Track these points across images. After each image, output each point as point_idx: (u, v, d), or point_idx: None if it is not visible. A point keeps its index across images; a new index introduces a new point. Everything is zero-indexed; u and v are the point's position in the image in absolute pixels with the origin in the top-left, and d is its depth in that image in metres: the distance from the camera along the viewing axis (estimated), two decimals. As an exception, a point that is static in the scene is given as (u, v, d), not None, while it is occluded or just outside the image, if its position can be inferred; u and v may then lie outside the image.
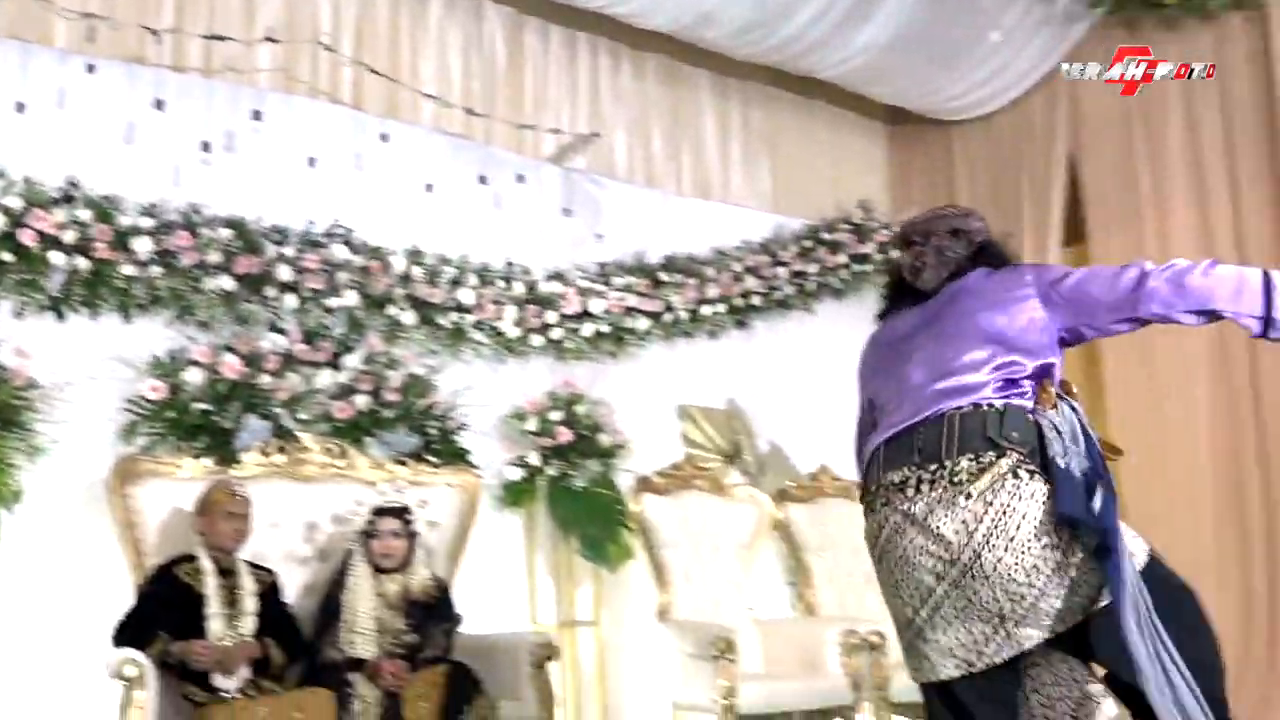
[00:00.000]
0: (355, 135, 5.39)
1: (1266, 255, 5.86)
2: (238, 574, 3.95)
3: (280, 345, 4.73)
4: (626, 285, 5.96)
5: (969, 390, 2.52)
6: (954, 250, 2.79)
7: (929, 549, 2.45)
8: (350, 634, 4.01)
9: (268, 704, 3.61)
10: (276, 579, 4.09)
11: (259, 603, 3.91)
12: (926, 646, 2.51)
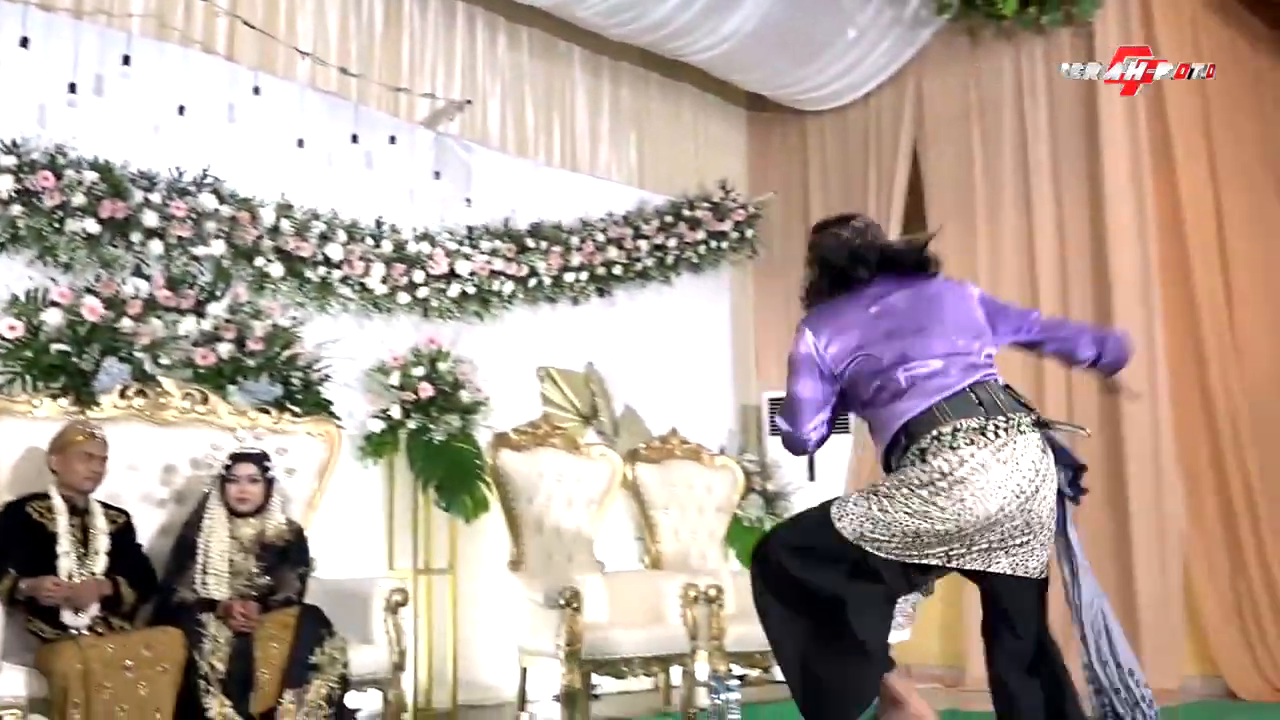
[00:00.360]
0: (228, 86, 5.21)
1: (1082, 256, 6.13)
2: (91, 513, 3.80)
3: (144, 290, 4.55)
4: (493, 249, 5.92)
5: (987, 367, 2.93)
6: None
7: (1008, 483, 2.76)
8: (204, 575, 3.91)
9: (116, 641, 3.49)
10: (130, 519, 3.95)
11: (111, 542, 3.77)
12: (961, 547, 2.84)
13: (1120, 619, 5.63)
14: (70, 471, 3.79)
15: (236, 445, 4.18)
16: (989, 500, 2.75)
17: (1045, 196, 6.32)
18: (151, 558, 4.03)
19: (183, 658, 3.52)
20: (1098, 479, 5.86)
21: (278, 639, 3.76)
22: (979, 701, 5.42)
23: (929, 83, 6.95)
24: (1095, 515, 5.84)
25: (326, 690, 3.72)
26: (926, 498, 2.76)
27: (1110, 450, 5.86)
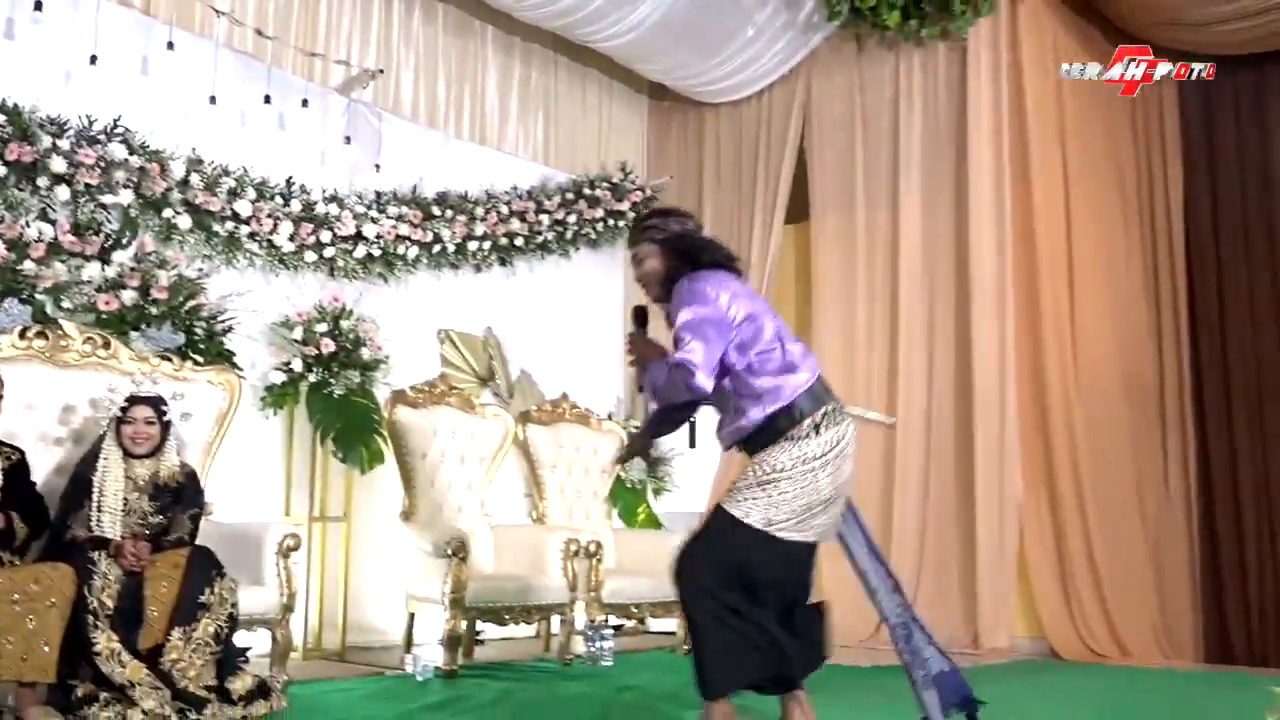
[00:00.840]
0: (142, 39, 5.01)
1: (947, 256, 6.28)
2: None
3: (48, 234, 4.35)
4: (400, 215, 5.82)
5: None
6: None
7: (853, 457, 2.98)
8: (99, 513, 3.76)
9: (4, 575, 3.34)
10: (24, 456, 3.78)
11: (4, 478, 3.61)
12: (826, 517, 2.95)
13: (962, 582, 5.88)
14: (-37, 409, 3.62)
15: (133, 388, 4.03)
16: (848, 472, 2.93)
17: (915, 198, 6.46)
18: (47, 496, 3.87)
19: (72, 593, 3.38)
20: (949, 455, 6.07)
21: (168, 578, 3.63)
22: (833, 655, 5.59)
23: (818, 84, 7.03)
24: (946, 487, 6.05)
25: (214, 628, 3.61)
26: (818, 468, 2.84)
27: (961, 429, 6.05)
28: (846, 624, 6.22)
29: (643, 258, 3.09)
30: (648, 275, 3.10)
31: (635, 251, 3.13)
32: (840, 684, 4.53)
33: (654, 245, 3.07)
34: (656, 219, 3.14)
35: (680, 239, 3.06)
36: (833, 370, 6.59)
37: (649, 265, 3.08)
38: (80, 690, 3.34)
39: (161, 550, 3.74)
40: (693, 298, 2.89)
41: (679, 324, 2.87)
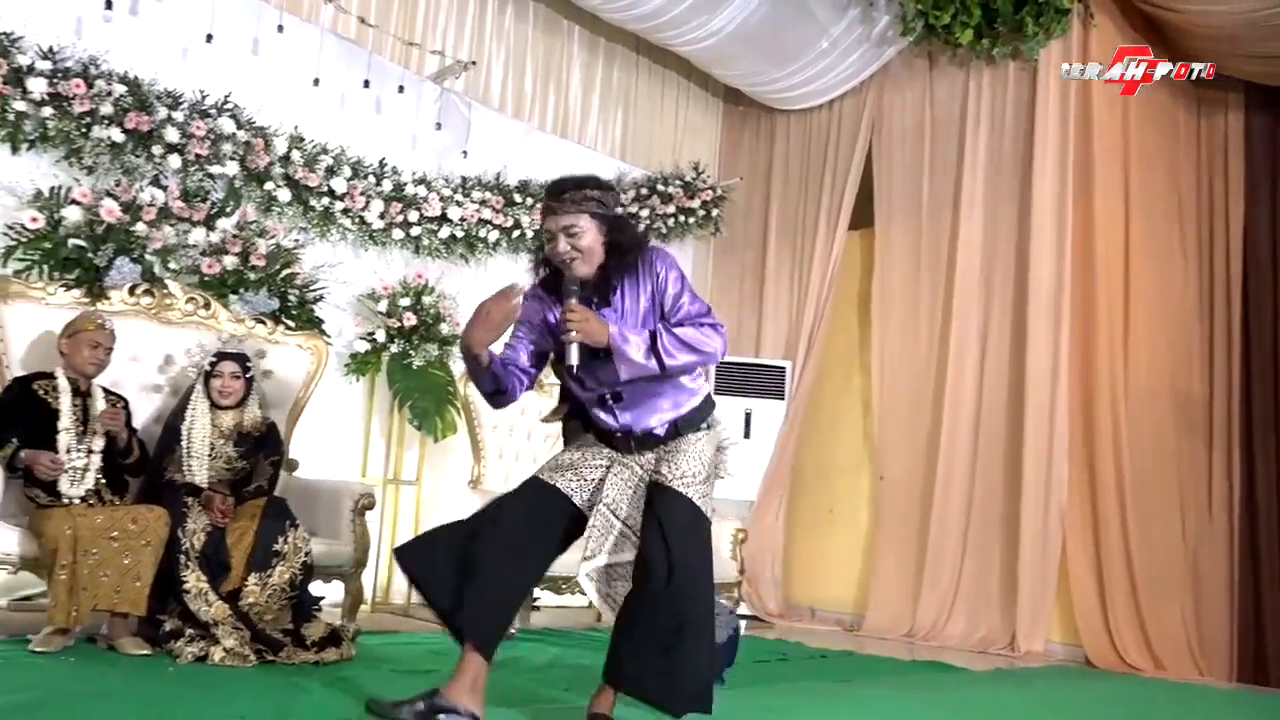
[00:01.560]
0: (254, 22, 5.06)
1: (1007, 266, 6.15)
2: (92, 396, 3.69)
3: (159, 199, 4.42)
4: (483, 200, 5.83)
5: None
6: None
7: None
8: (188, 459, 3.84)
9: (105, 513, 3.40)
10: (127, 404, 3.85)
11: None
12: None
13: (1003, 584, 5.76)
14: (77, 355, 3.68)
15: (219, 345, 4.09)
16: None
17: (978, 210, 6.32)
18: (147, 442, 3.94)
19: (165, 534, 3.44)
20: (998, 459, 5.94)
21: (246, 531, 3.70)
22: (872, 645, 5.53)
23: (888, 96, 6.91)
24: (993, 489, 5.93)
25: (289, 575, 3.65)
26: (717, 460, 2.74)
27: (1011, 435, 5.92)
28: (886, 620, 6.16)
29: (580, 231, 2.58)
30: (582, 253, 2.59)
31: (571, 223, 2.58)
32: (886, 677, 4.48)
33: (595, 221, 2.60)
34: (599, 192, 2.63)
35: (618, 222, 2.66)
36: (892, 371, 6.52)
37: (585, 242, 2.58)
38: (168, 625, 3.41)
39: (242, 501, 3.80)
40: (678, 267, 2.68)
41: (685, 289, 2.63)
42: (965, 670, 4.81)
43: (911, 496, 6.30)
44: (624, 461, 2.67)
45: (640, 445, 2.67)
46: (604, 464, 2.68)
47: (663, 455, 2.65)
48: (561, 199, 2.61)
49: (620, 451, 2.69)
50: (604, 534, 2.60)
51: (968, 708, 3.73)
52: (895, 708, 3.55)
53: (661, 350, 2.53)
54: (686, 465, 2.61)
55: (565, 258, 2.60)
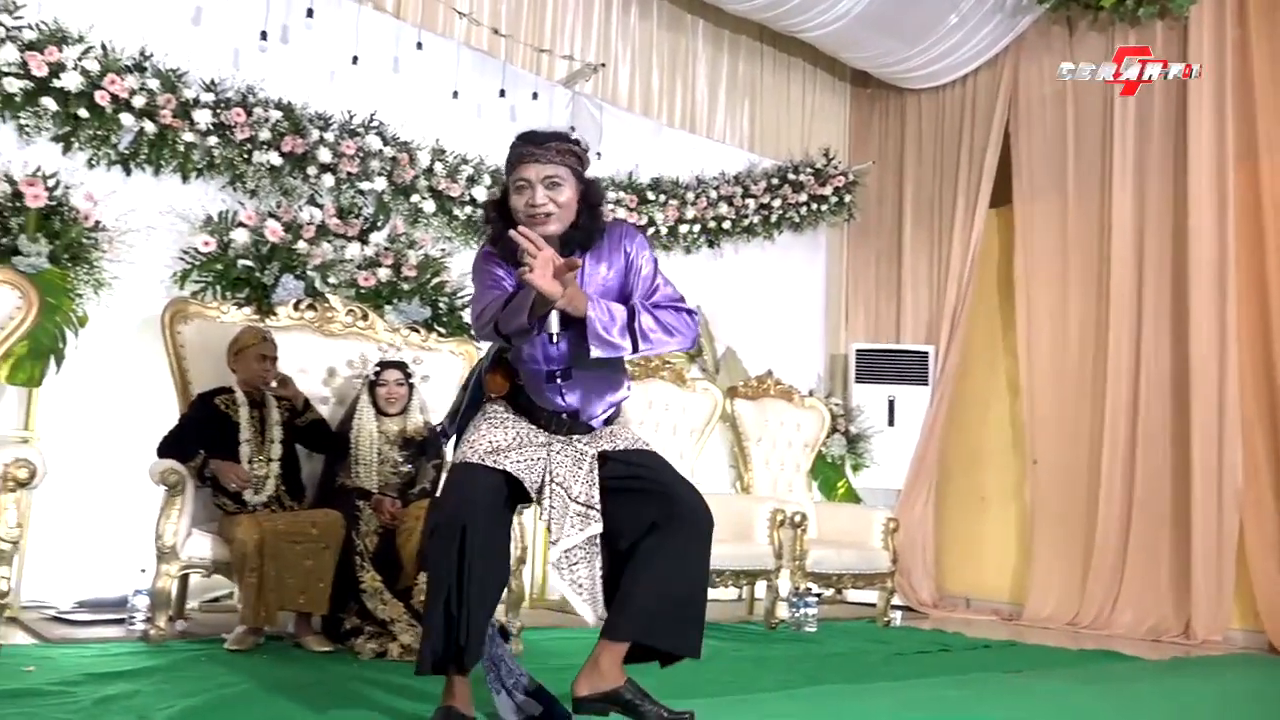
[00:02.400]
0: (394, 41, 5.24)
1: (1163, 238, 5.87)
2: (267, 406, 3.91)
3: (317, 218, 4.64)
4: (618, 199, 5.90)
5: None
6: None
7: None
8: (357, 465, 4.02)
9: (287, 519, 3.60)
10: (307, 400, 4.07)
11: (283, 431, 3.88)
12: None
13: (1174, 571, 5.50)
14: (248, 370, 3.89)
15: (380, 354, 4.26)
16: None
17: (1128, 181, 6.04)
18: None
19: (341, 536, 3.62)
20: (1162, 442, 5.68)
21: (413, 528, 3.84)
22: (1034, 635, 5.37)
23: (1024, 67, 6.68)
24: (1158, 474, 5.67)
25: (458, 575, 3.78)
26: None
27: (1177, 415, 5.65)
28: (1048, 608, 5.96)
29: (560, 183, 2.35)
30: (560, 208, 2.35)
31: (553, 173, 2.34)
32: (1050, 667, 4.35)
33: (574, 177, 2.39)
34: (579, 148, 2.44)
35: (593, 190, 2.46)
36: (1042, 353, 6.30)
37: (564, 196, 2.35)
38: (348, 623, 3.58)
39: (408, 503, 3.95)
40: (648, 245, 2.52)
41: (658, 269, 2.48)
42: (1139, 660, 4.62)
43: (1068, 481, 6.08)
44: (563, 440, 2.48)
45: (576, 430, 2.49)
46: (543, 443, 2.46)
47: (600, 436, 2.51)
48: (545, 146, 2.36)
49: (554, 431, 2.48)
50: (561, 515, 2.40)
51: (1149, 700, 3.58)
52: (1072, 701, 3.43)
53: (638, 330, 2.33)
54: (632, 435, 2.56)
55: (539, 211, 2.33)
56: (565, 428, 2.48)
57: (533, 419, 2.49)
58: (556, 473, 2.42)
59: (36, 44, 4.08)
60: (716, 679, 3.41)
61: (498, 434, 2.44)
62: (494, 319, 2.34)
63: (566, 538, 2.40)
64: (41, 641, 3.46)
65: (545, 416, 2.48)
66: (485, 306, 2.39)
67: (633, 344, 2.32)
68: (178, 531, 3.54)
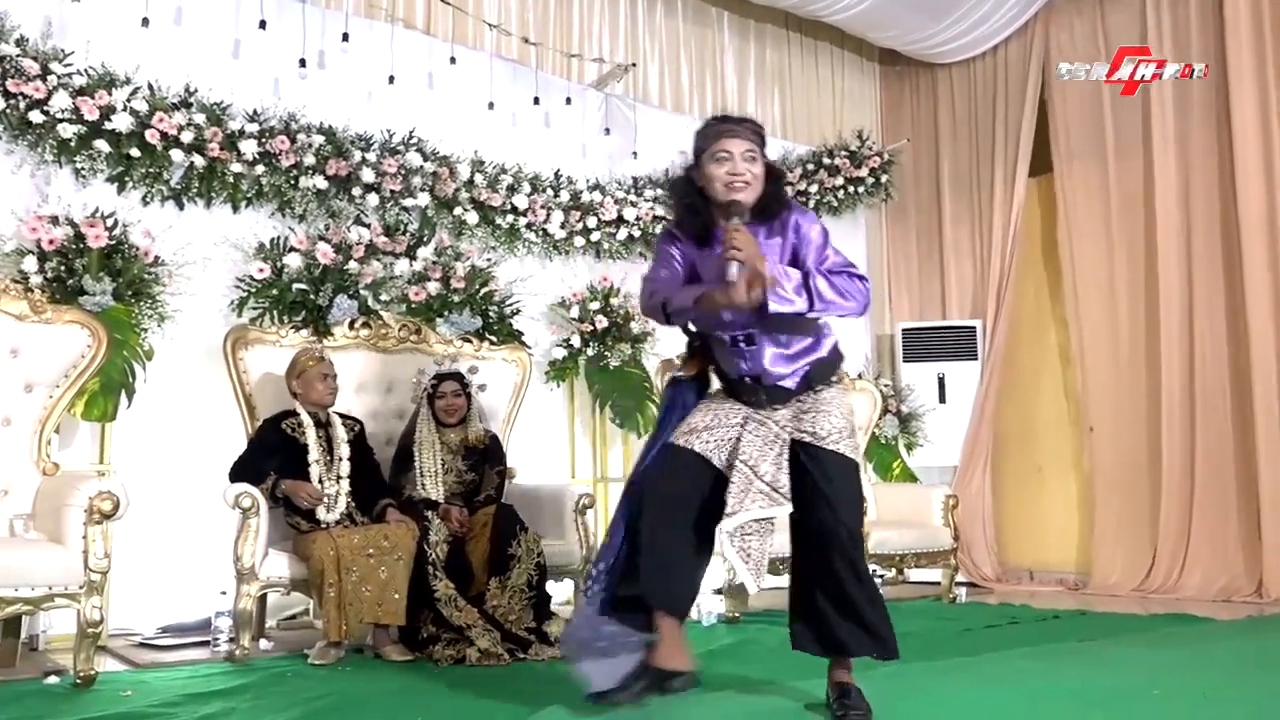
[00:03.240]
0: (427, 57, 5.32)
1: (1210, 197, 5.78)
2: (332, 425, 3.99)
3: (365, 237, 4.72)
4: (656, 197, 5.92)
5: None
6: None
7: None
8: (422, 478, 4.09)
9: (360, 533, 3.68)
10: (363, 427, 4.14)
11: (350, 449, 3.96)
12: None
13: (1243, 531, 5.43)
14: (311, 391, 3.97)
15: (436, 368, 4.33)
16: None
17: (1170, 143, 5.94)
18: (380, 465, 4.22)
19: (413, 547, 3.69)
20: (1223, 402, 5.61)
21: (481, 537, 3.92)
22: (1102, 603, 5.33)
23: (1055, 33, 6.61)
24: (1220, 436, 5.60)
25: (526, 577, 3.85)
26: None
27: (1236, 377, 5.57)
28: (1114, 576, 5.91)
29: (755, 158, 2.56)
30: (753, 177, 2.54)
31: (751, 147, 2.55)
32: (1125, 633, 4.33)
33: (761, 153, 2.59)
34: (762, 130, 2.65)
35: (774, 170, 2.62)
36: (1091, 320, 6.24)
37: (758, 169, 2.55)
38: (424, 631, 3.65)
39: (474, 511, 4.02)
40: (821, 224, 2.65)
41: (828, 242, 2.60)
42: (1211, 620, 4.57)
43: (1126, 447, 6.02)
44: (758, 419, 2.60)
45: (771, 398, 2.61)
46: (739, 422, 2.60)
47: (800, 413, 2.59)
48: (741, 124, 2.60)
49: (752, 406, 2.62)
50: (743, 491, 2.50)
51: (1226, 658, 3.55)
52: (1149, 663, 3.41)
53: (814, 290, 2.47)
54: (830, 423, 2.56)
55: (738, 180, 2.52)
56: (760, 397, 2.61)
57: (730, 393, 2.67)
58: (745, 451, 2.55)
59: (87, 89, 4.19)
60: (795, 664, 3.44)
61: (696, 418, 2.64)
62: (665, 299, 2.59)
63: (745, 512, 2.50)
64: (133, 667, 3.57)
65: (738, 387, 2.64)
66: (657, 285, 2.64)
67: (809, 302, 2.47)
68: (255, 552, 3.63)
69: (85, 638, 3.11)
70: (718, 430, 2.59)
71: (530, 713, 2.63)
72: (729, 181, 2.52)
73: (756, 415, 2.60)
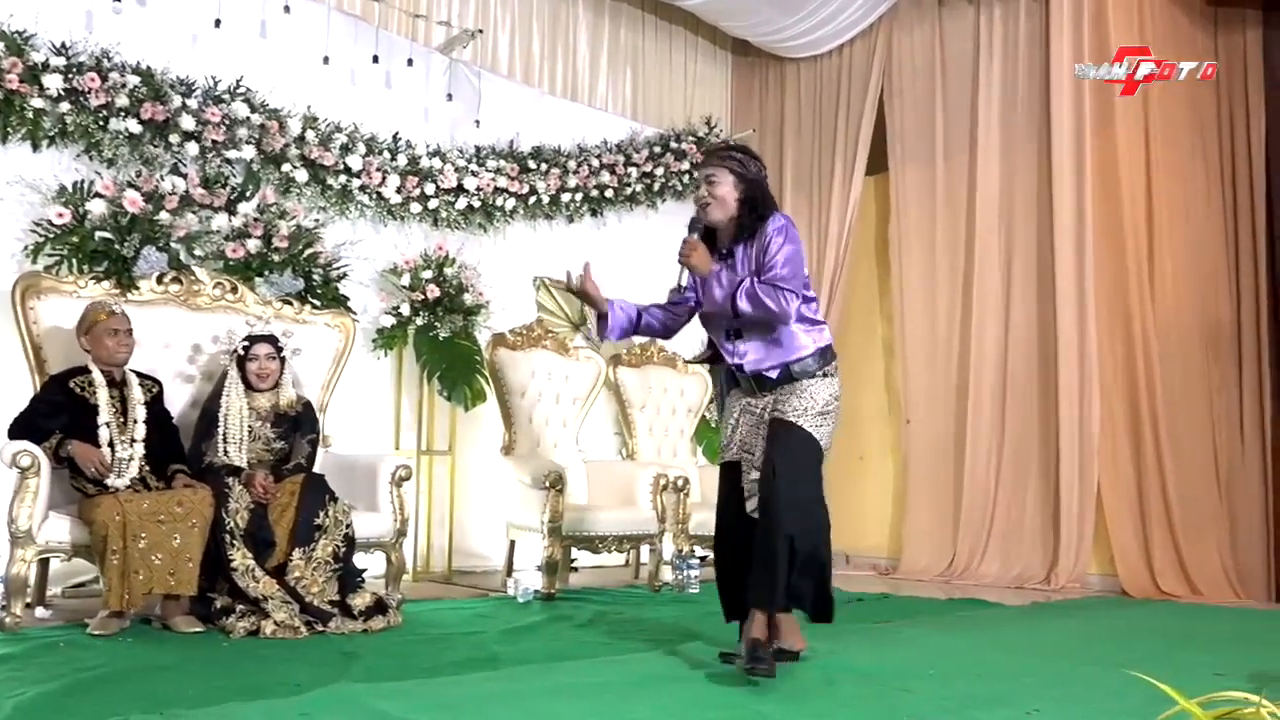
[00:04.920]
0: (260, 4, 5.07)
1: (1028, 204, 6.09)
2: (128, 385, 3.76)
3: (180, 187, 4.47)
4: (498, 168, 5.84)
5: None
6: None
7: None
8: (225, 444, 3.91)
9: (151, 498, 3.48)
10: (162, 388, 3.92)
11: (147, 411, 3.74)
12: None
13: (1042, 521, 5.76)
14: (101, 348, 3.71)
15: (248, 329, 4.14)
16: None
17: (994, 149, 6.25)
18: (182, 429, 4.01)
19: (210, 514, 3.52)
20: (1030, 398, 5.94)
21: (287, 506, 3.77)
22: (908, 588, 5.57)
23: (898, 37, 6.83)
24: (1027, 427, 5.92)
25: (332, 548, 3.74)
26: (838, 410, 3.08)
27: (1044, 372, 5.90)
28: (921, 562, 6.20)
29: (718, 181, 3.03)
30: (715, 200, 3.03)
31: (712, 173, 3.05)
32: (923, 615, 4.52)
33: (733, 177, 3.03)
34: (743, 155, 3.09)
35: (756, 185, 3.05)
36: (914, 315, 6.50)
37: (720, 191, 3.03)
38: (219, 602, 3.50)
39: (282, 479, 3.87)
40: (793, 237, 2.99)
41: (782, 254, 2.94)
42: (1002, 605, 4.84)
43: (941, 438, 6.31)
44: (749, 407, 3.09)
45: (760, 385, 3.06)
46: (738, 415, 3.12)
47: (779, 397, 3.02)
48: (710, 154, 3.17)
49: (745, 393, 3.11)
50: (748, 475, 3.05)
51: (1008, 641, 3.76)
52: (935, 644, 3.58)
53: (736, 297, 2.93)
54: (798, 402, 2.98)
55: (699, 201, 3.07)
56: (751, 385, 3.08)
57: (729, 376, 3.18)
58: (744, 438, 3.10)
59: None
60: (596, 640, 3.45)
61: (726, 427, 3.19)
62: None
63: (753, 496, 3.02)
64: (-113, 634, 3.29)
65: (735, 374, 3.13)
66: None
67: (731, 306, 2.96)
68: (33, 515, 3.39)
69: None
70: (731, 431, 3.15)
71: (317, 687, 2.55)
72: (698, 203, 3.09)
73: (751, 406, 3.09)
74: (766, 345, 3.03)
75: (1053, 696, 2.65)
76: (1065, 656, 3.35)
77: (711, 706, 2.49)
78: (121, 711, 2.27)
